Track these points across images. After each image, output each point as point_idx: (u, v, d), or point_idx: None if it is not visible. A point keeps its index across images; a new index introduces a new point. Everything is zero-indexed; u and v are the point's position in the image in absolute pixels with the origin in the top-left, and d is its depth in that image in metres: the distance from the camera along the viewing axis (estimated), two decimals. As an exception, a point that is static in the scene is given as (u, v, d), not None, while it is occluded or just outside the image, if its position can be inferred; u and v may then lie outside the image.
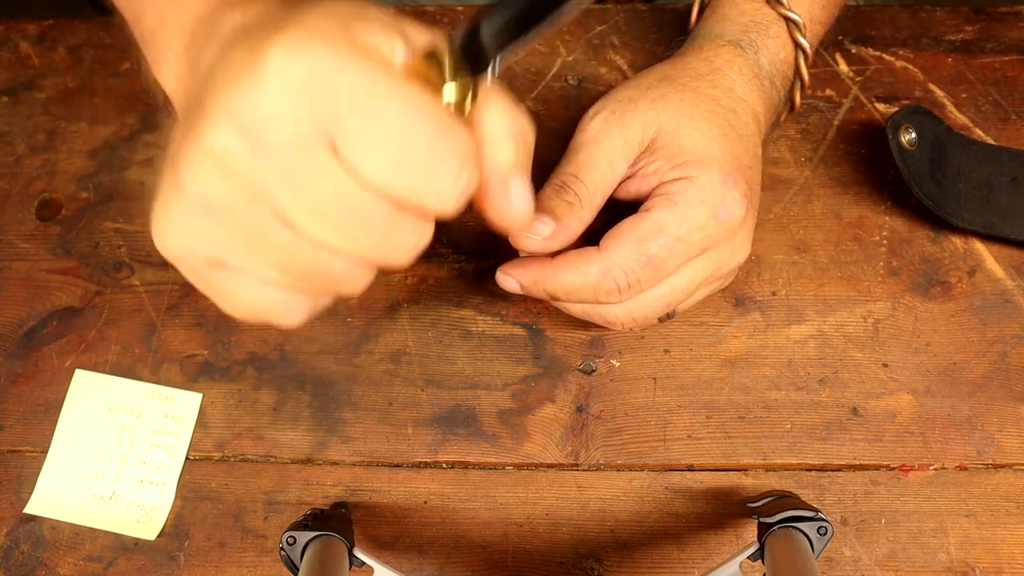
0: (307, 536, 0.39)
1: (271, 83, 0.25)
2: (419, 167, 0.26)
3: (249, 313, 0.30)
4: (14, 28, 0.60)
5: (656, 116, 0.40)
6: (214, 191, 0.26)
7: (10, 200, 0.54)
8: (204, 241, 0.27)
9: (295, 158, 0.25)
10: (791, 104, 0.48)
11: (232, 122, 0.25)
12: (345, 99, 0.25)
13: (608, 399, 0.47)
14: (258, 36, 0.26)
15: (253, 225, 0.26)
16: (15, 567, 0.45)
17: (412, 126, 0.25)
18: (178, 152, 0.27)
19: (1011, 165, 0.50)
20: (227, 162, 0.25)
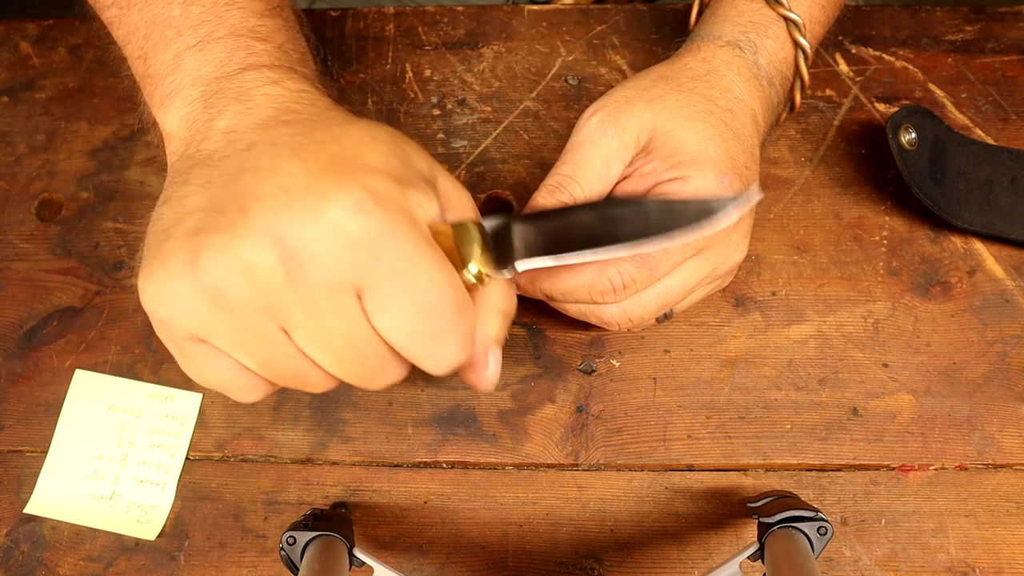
0: (307, 536, 0.39)
1: (327, 230, 0.27)
2: (431, 339, 0.29)
3: (210, 384, 0.31)
4: (14, 28, 0.60)
5: (652, 116, 0.40)
6: (232, 292, 0.28)
7: (10, 200, 0.54)
8: (198, 322, 0.28)
9: (323, 296, 0.28)
10: (791, 104, 0.48)
11: (277, 246, 0.27)
12: (387, 265, 0.28)
13: (608, 399, 0.47)
14: (317, 161, 0.29)
15: (254, 328, 0.28)
16: (15, 567, 0.45)
17: (436, 302, 0.29)
18: (201, 236, 0.28)
19: (1011, 165, 0.50)
20: (258, 276, 0.27)
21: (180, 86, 0.35)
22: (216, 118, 0.33)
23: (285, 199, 0.28)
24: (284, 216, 0.27)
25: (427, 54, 0.57)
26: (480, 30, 0.57)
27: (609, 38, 0.57)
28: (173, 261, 0.28)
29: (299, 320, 0.28)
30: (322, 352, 0.29)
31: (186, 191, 0.30)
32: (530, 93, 0.55)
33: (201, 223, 0.28)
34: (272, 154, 0.30)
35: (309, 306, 0.28)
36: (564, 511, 0.45)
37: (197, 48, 0.36)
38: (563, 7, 0.59)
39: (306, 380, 0.31)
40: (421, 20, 0.58)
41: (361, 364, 0.29)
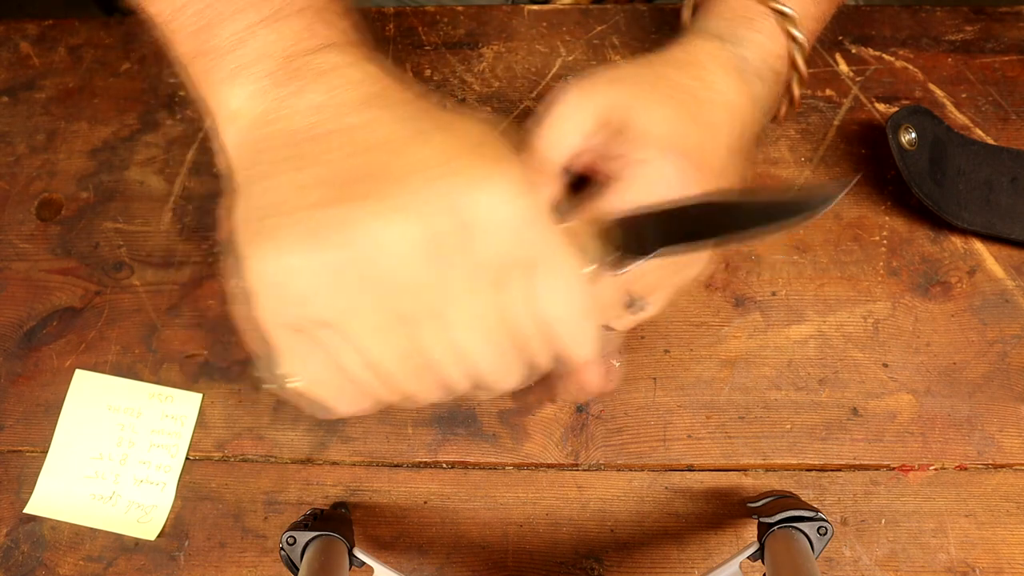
0: (307, 536, 0.39)
1: (503, 204, 0.27)
2: (586, 317, 0.29)
3: (318, 383, 0.29)
4: (14, 28, 0.60)
5: (621, 96, 0.40)
6: (394, 264, 0.26)
7: (10, 200, 0.54)
8: (341, 300, 0.26)
9: (491, 272, 0.27)
10: (790, 98, 0.47)
11: (452, 214, 0.26)
12: (550, 244, 0.28)
13: (608, 399, 0.47)
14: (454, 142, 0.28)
15: (406, 309, 0.27)
16: (15, 567, 0.45)
17: (585, 283, 0.29)
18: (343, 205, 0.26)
19: (1011, 165, 0.50)
20: (427, 247, 0.26)
21: (248, 62, 0.33)
22: (299, 94, 0.31)
23: (449, 171, 0.27)
24: (454, 184, 0.26)
25: (427, 54, 0.57)
26: (480, 30, 0.57)
27: (609, 38, 0.57)
28: (316, 230, 0.26)
29: (459, 299, 0.27)
30: (477, 338, 0.28)
31: (298, 164, 0.28)
32: (530, 93, 0.55)
33: (340, 192, 0.27)
34: (406, 130, 0.29)
35: (474, 283, 0.27)
36: (564, 511, 0.45)
37: (272, 20, 0.33)
38: (563, 7, 0.59)
39: (441, 379, 0.29)
40: (421, 20, 0.58)
41: (511, 354, 0.29)
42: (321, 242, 0.26)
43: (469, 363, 0.29)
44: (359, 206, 0.26)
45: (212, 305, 0.50)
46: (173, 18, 0.35)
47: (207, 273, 0.51)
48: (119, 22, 0.59)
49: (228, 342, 0.49)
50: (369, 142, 0.28)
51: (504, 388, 0.30)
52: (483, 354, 0.28)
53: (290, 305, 0.27)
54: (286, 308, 0.27)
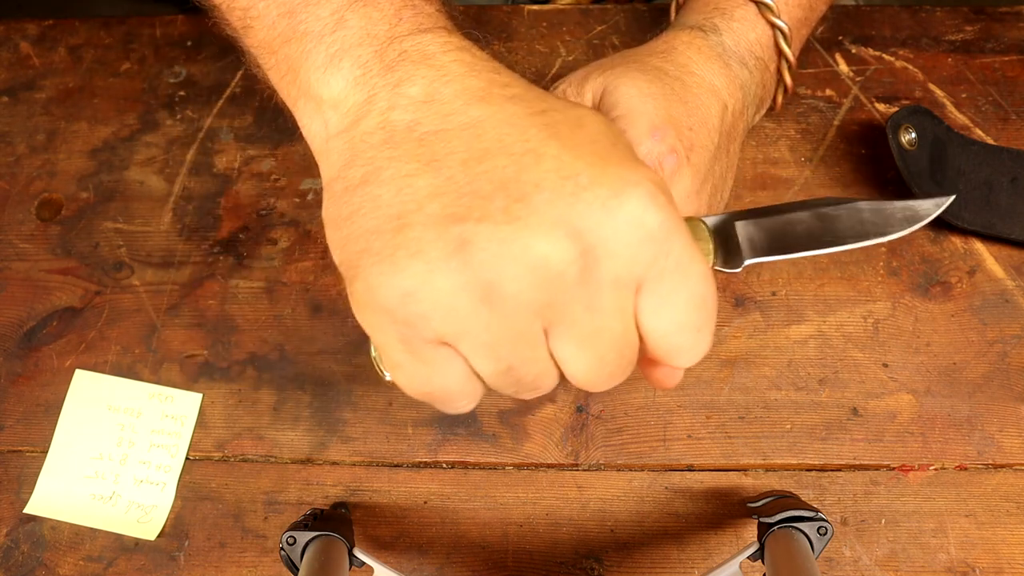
0: (307, 536, 0.39)
1: (627, 224, 0.25)
2: (696, 331, 0.28)
3: (432, 393, 0.29)
4: (14, 28, 0.60)
5: (603, 82, 0.41)
6: (513, 288, 0.25)
7: (10, 200, 0.54)
8: (457, 321, 0.26)
9: (610, 292, 0.26)
10: (784, 87, 0.47)
11: (576, 239, 0.25)
12: (674, 259, 0.26)
13: (608, 399, 0.47)
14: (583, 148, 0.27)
15: (519, 329, 0.26)
16: (15, 567, 0.45)
17: (707, 297, 0.28)
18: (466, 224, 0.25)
19: (1011, 165, 0.50)
20: (550, 272, 0.25)
21: (348, 45, 0.30)
22: (403, 83, 0.29)
23: (573, 188, 0.25)
24: (579, 208, 0.25)
25: (427, 54, 0.57)
26: (480, 30, 0.57)
27: (609, 38, 0.57)
28: (433, 252, 0.25)
29: (576, 319, 0.26)
30: (585, 353, 0.27)
31: (405, 169, 0.27)
32: (530, 93, 0.55)
33: (458, 208, 0.25)
34: (521, 135, 0.27)
35: (590, 304, 0.26)
36: (564, 511, 0.45)
37: (361, 3, 0.31)
38: (563, 7, 0.59)
39: (540, 385, 0.29)
40: (421, 20, 0.58)
41: (617, 363, 0.28)
42: (442, 265, 0.25)
43: (575, 373, 0.28)
44: (481, 227, 0.25)
45: (212, 305, 0.50)
46: (253, 3, 0.33)
47: (207, 273, 0.51)
48: (120, 22, 0.59)
49: (228, 342, 0.49)
50: (481, 147, 0.27)
51: (608, 387, 0.29)
52: (589, 365, 0.28)
53: (403, 326, 0.26)
54: (399, 328, 0.26)
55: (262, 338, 0.49)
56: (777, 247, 0.34)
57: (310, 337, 0.49)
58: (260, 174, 0.54)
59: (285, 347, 0.49)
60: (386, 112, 0.29)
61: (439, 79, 0.29)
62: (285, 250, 0.51)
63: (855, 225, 0.34)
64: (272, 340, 0.49)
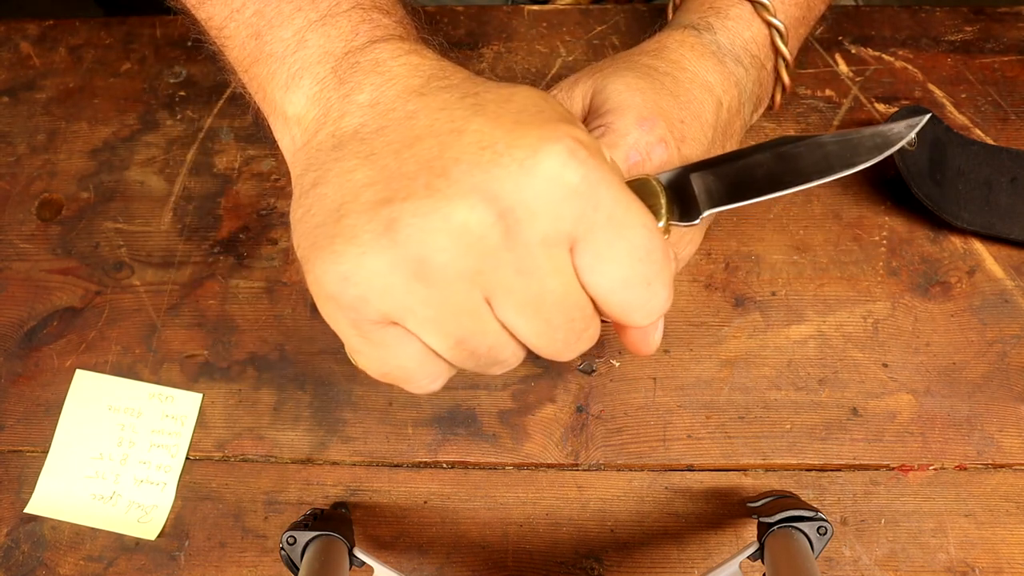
0: (307, 536, 0.39)
1: (545, 182, 0.26)
2: (645, 286, 0.27)
3: (391, 375, 0.29)
4: (14, 28, 0.60)
5: (592, 83, 0.41)
6: (441, 259, 0.26)
7: (10, 200, 0.54)
8: (396, 299, 0.26)
9: (540, 253, 0.26)
10: (782, 85, 0.47)
11: (493, 203, 0.26)
12: (605, 212, 0.26)
13: (608, 399, 0.47)
14: (506, 119, 0.27)
15: (459, 300, 0.26)
16: (15, 567, 0.45)
17: (651, 250, 0.27)
18: (393, 204, 0.26)
19: (1011, 165, 0.50)
20: (472, 239, 0.26)
21: (307, 64, 0.32)
22: (353, 93, 0.31)
23: (491, 156, 0.26)
24: (494, 172, 0.26)
25: (427, 54, 0.57)
26: (480, 30, 0.57)
27: (609, 38, 0.57)
28: (363, 234, 0.26)
29: (510, 284, 0.26)
30: (530, 318, 0.27)
31: (346, 167, 0.28)
32: (530, 93, 0.55)
33: (386, 192, 0.26)
34: (449, 117, 0.28)
35: (522, 266, 0.26)
36: (564, 511, 0.45)
37: (320, 23, 0.33)
38: (563, 7, 0.59)
39: (498, 357, 0.29)
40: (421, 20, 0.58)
41: (569, 326, 0.28)
42: (371, 246, 0.26)
43: (527, 338, 0.28)
44: (405, 205, 0.26)
45: (212, 305, 0.50)
46: (225, 24, 0.35)
47: (207, 273, 0.51)
48: (120, 22, 0.59)
49: (228, 342, 0.49)
50: (413, 135, 0.28)
51: (572, 356, 0.29)
52: (539, 330, 0.28)
53: (348, 310, 0.27)
54: (345, 313, 0.27)
55: (262, 338, 0.49)
56: (737, 193, 0.33)
57: (310, 337, 0.49)
58: (260, 174, 0.54)
59: (285, 347, 0.49)
60: (338, 121, 0.30)
61: (384, 84, 0.30)
62: (285, 250, 0.52)
63: (819, 160, 0.32)
64: (272, 340, 0.49)
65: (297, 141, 0.32)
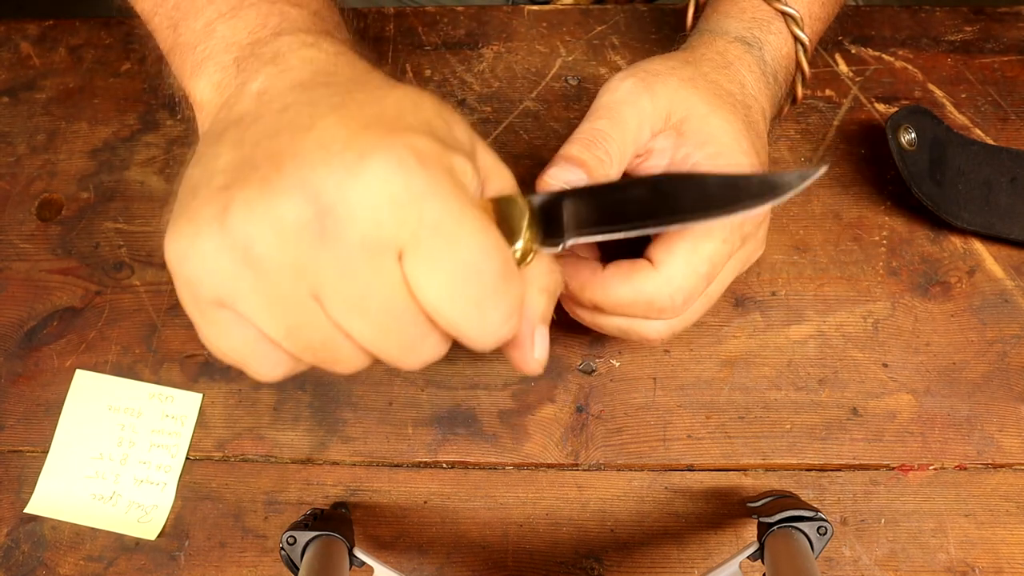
0: (307, 536, 0.39)
1: (367, 186, 0.25)
2: (474, 305, 0.27)
3: (229, 356, 0.30)
4: (14, 28, 0.60)
5: (687, 96, 0.39)
6: (263, 250, 0.26)
7: (10, 200, 0.54)
8: (224, 282, 0.27)
9: (360, 256, 0.26)
10: (793, 97, 0.47)
11: (312, 200, 0.26)
12: (430, 224, 0.26)
13: (608, 399, 0.47)
14: (357, 120, 0.27)
15: (282, 290, 0.27)
16: (15, 567, 0.45)
17: (481, 265, 0.27)
18: (231, 191, 0.27)
19: (1011, 165, 0.50)
20: (290, 232, 0.26)
21: (212, 53, 0.34)
22: (249, 81, 0.31)
23: (323, 155, 0.26)
24: (320, 171, 0.26)
25: (427, 54, 0.57)
26: (480, 30, 0.57)
27: (609, 38, 0.57)
28: (201, 217, 0.27)
29: (332, 282, 0.26)
30: (357, 320, 0.27)
31: (217, 151, 0.29)
32: (530, 93, 0.55)
33: (231, 179, 0.27)
34: (309, 113, 0.28)
35: (344, 267, 0.26)
36: (564, 511, 0.45)
37: (230, 15, 0.34)
38: (563, 7, 0.59)
39: (336, 355, 0.29)
40: (421, 20, 0.58)
41: (400, 334, 0.27)
42: (204, 228, 0.26)
43: (359, 341, 0.28)
44: (239, 193, 0.26)
45: (212, 305, 0.50)
46: (155, 13, 0.38)
47: (207, 273, 0.51)
48: (120, 22, 0.59)
49: (228, 342, 0.49)
50: (279, 125, 0.28)
51: (416, 364, 0.29)
52: (368, 334, 0.27)
53: (186, 286, 0.28)
54: (185, 289, 0.28)
55: (262, 338, 0.49)
56: (608, 223, 0.32)
57: (310, 337, 0.49)
58: (260, 174, 0.54)
59: (285, 347, 0.49)
60: (230, 107, 0.31)
61: (278, 74, 0.31)
62: (285, 250, 0.51)
63: (698, 199, 0.32)
64: (272, 340, 0.49)
65: (203, 125, 0.34)
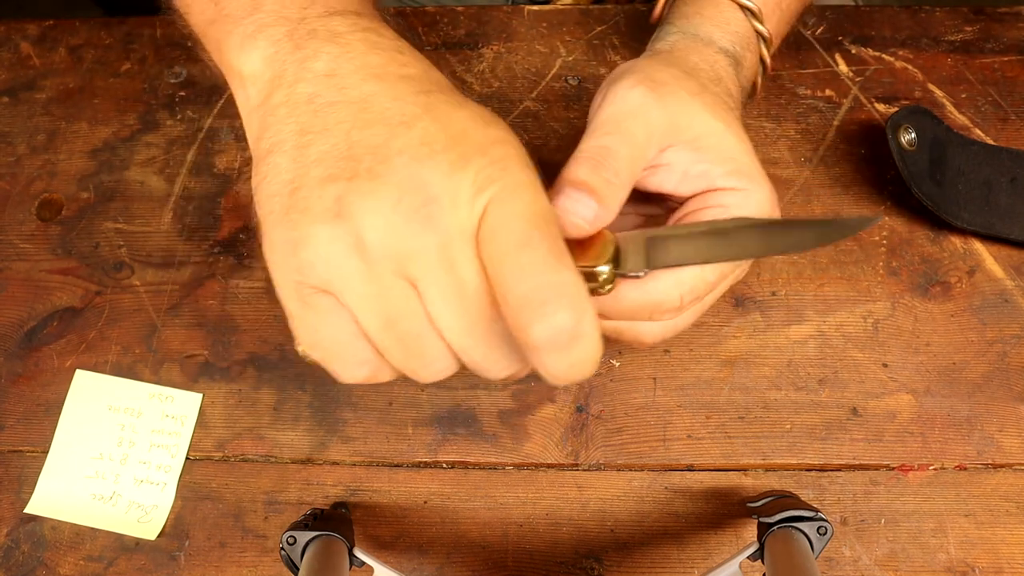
0: (307, 536, 0.39)
1: (470, 182, 0.28)
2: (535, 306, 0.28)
3: (320, 348, 0.31)
4: (14, 28, 0.60)
5: (698, 112, 0.38)
6: (374, 237, 0.28)
7: (10, 200, 0.54)
8: (335, 269, 0.28)
9: (459, 244, 0.28)
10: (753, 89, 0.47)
11: (421, 191, 0.28)
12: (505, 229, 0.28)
13: (608, 399, 0.47)
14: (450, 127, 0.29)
15: (388, 279, 0.28)
16: (16, 567, 0.45)
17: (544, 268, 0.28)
18: (340, 182, 0.28)
19: (1010, 165, 0.50)
20: (400, 221, 0.28)
21: (262, 26, 0.34)
22: (309, 59, 0.32)
23: (428, 151, 0.28)
24: (428, 164, 0.28)
25: (427, 54, 0.56)
26: (480, 30, 0.57)
27: (609, 38, 0.57)
28: (315, 206, 0.28)
29: (432, 268, 0.28)
30: (449, 312, 0.28)
31: (303, 140, 0.30)
32: (530, 93, 0.55)
33: (335, 170, 0.29)
34: (400, 109, 0.30)
35: (444, 253, 0.28)
36: (564, 511, 0.45)
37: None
38: (563, 7, 0.59)
39: (424, 353, 0.30)
40: (421, 20, 0.58)
41: (485, 332, 0.29)
42: (320, 217, 0.28)
43: (449, 337, 0.29)
44: (350, 184, 0.28)
45: (212, 305, 0.50)
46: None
47: (207, 273, 0.51)
48: (120, 22, 0.59)
49: (228, 342, 0.49)
50: (365, 118, 0.30)
51: (493, 372, 0.30)
52: (458, 329, 0.29)
53: (294, 272, 0.29)
54: (292, 275, 0.29)
55: (262, 338, 0.49)
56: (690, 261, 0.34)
57: (310, 337, 0.49)
58: (260, 174, 0.54)
59: (285, 347, 0.49)
60: (293, 85, 0.31)
61: (342, 55, 0.32)
62: (285, 250, 0.51)
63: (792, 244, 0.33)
64: (272, 340, 0.49)
65: (252, 100, 0.34)
